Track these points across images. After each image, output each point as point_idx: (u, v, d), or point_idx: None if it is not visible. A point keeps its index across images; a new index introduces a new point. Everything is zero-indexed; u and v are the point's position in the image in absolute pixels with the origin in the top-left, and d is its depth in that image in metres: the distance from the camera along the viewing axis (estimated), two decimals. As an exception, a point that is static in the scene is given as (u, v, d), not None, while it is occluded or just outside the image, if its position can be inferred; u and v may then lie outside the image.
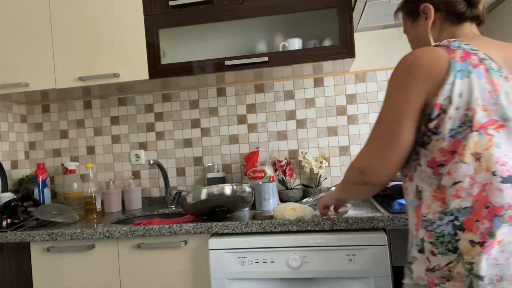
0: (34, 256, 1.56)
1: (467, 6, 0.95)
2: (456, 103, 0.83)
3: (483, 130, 0.82)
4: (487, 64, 0.84)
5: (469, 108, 0.82)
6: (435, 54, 0.86)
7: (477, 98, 0.82)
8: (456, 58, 0.84)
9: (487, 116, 0.82)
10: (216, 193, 1.47)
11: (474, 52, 0.85)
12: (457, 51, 0.85)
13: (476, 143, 0.81)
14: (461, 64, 0.84)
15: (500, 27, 1.71)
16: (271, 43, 1.88)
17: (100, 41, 1.79)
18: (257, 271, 1.38)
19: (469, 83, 0.83)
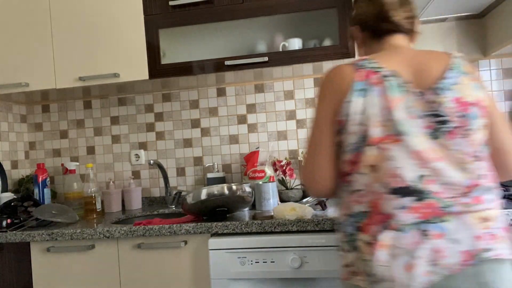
0: (34, 256, 1.56)
1: (379, 21, 1.02)
2: (354, 120, 0.89)
3: (378, 145, 0.87)
4: (388, 81, 0.89)
5: (366, 124, 0.88)
6: (340, 74, 0.93)
7: (372, 114, 0.88)
8: (358, 77, 0.91)
9: (383, 131, 0.87)
10: (216, 193, 1.47)
11: (378, 71, 0.90)
12: (361, 71, 0.91)
13: (371, 156, 0.88)
14: (361, 83, 0.90)
15: (500, 27, 1.71)
16: (271, 43, 1.88)
17: (100, 41, 1.79)
18: (257, 271, 1.38)
19: (366, 101, 0.88)
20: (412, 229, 0.84)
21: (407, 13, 1.01)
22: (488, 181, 0.88)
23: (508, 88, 1.90)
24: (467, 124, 0.87)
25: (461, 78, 0.90)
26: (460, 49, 1.91)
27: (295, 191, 1.84)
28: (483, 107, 0.89)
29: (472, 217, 0.85)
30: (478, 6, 1.68)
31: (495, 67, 1.91)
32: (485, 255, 0.83)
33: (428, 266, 0.83)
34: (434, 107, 0.87)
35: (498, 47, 1.74)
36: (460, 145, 0.86)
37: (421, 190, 0.85)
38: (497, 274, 0.84)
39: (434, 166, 0.85)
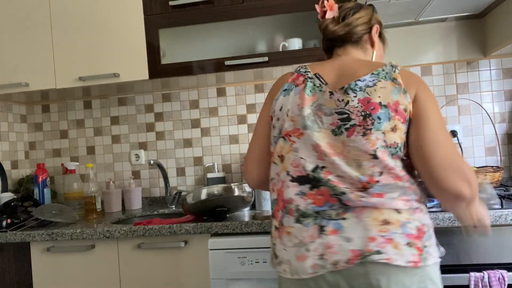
0: (34, 256, 1.56)
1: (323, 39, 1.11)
2: (277, 115, 1.00)
3: (287, 137, 0.97)
4: (308, 82, 0.98)
5: (283, 119, 0.98)
6: (281, 78, 1.07)
7: (288, 110, 0.98)
8: (289, 80, 1.03)
9: (293, 125, 0.96)
10: (216, 193, 1.47)
11: (304, 74, 1.01)
12: (294, 75, 1.03)
13: (281, 147, 0.98)
14: (288, 84, 1.02)
15: (500, 27, 1.71)
16: (271, 43, 1.88)
17: (100, 41, 1.79)
18: (257, 271, 1.38)
19: (287, 98, 0.99)
20: (311, 223, 0.91)
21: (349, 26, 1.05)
22: (392, 179, 0.88)
23: (508, 88, 1.90)
24: (368, 124, 0.89)
25: (380, 82, 0.92)
26: (460, 49, 1.91)
27: (295, 191, 1.83)
28: (397, 110, 0.89)
29: (372, 218, 0.87)
30: (478, 6, 1.68)
31: (495, 67, 1.91)
32: (372, 257, 0.85)
33: (317, 259, 0.89)
34: (340, 105, 0.92)
35: (498, 47, 1.74)
36: (358, 143, 0.89)
37: (319, 178, 0.91)
38: (383, 278, 0.85)
39: (331, 161, 0.91)
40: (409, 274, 0.86)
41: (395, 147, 0.89)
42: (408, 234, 0.87)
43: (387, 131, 0.89)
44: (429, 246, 0.89)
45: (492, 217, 1.25)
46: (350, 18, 1.05)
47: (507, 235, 1.26)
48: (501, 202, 1.31)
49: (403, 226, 0.87)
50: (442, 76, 1.94)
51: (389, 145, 0.89)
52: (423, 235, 0.89)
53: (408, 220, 0.88)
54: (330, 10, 1.06)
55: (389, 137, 0.89)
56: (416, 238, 0.87)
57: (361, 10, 1.08)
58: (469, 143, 1.92)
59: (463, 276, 1.24)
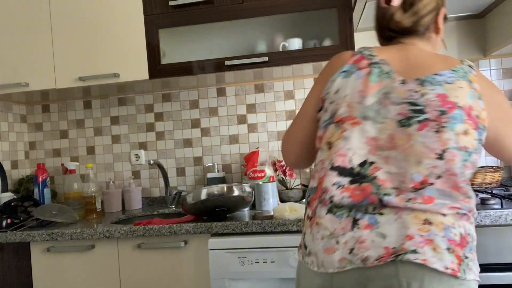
0: (34, 256, 1.56)
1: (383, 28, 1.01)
2: (331, 98, 0.92)
3: (340, 123, 0.89)
4: (374, 68, 0.90)
5: (338, 103, 0.90)
6: (339, 56, 0.97)
7: (346, 95, 0.89)
8: (350, 60, 0.93)
9: (348, 112, 0.88)
10: (216, 193, 1.47)
11: (369, 57, 0.92)
12: (356, 56, 0.94)
13: (331, 133, 0.90)
14: (349, 66, 0.92)
15: (500, 27, 1.71)
16: (271, 43, 1.88)
17: (100, 41, 1.79)
18: (257, 271, 1.38)
19: (346, 81, 0.90)
20: (345, 215, 0.85)
21: (416, 16, 0.96)
22: (449, 186, 0.82)
23: (508, 88, 1.90)
24: (443, 121, 0.83)
25: (459, 81, 0.86)
26: (460, 49, 1.91)
27: (295, 191, 1.84)
28: (470, 115, 0.84)
29: (413, 216, 0.80)
30: (478, 6, 1.68)
31: (495, 67, 1.91)
32: (407, 256, 0.77)
33: (347, 253, 0.82)
34: (413, 96, 0.85)
35: (498, 47, 1.74)
36: (427, 139, 0.82)
37: (364, 175, 0.85)
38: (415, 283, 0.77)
39: (386, 155, 0.84)
40: (445, 284, 0.77)
41: (466, 151, 0.83)
42: (451, 239, 0.79)
43: (459, 133, 0.83)
44: (470, 259, 0.81)
45: (492, 217, 1.26)
46: (418, 6, 0.95)
47: (507, 235, 1.26)
48: (501, 202, 1.31)
49: (446, 230, 0.80)
50: (442, 76, 1.94)
51: (461, 148, 0.82)
52: (466, 244, 0.81)
53: (452, 224, 0.81)
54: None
55: (461, 139, 0.83)
56: (458, 246, 0.80)
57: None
58: (469, 143, 1.92)
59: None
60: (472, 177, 1.60)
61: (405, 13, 0.96)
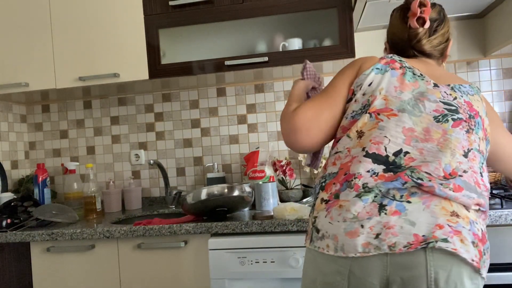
0: (34, 256, 1.56)
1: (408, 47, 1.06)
2: (364, 90, 0.95)
3: (374, 114, 0.92)
4: (408, 70, 0.96)
5: (372, 95, 0.93)
6: (368, 57, 1.01)
7: (382, 88, 0.93)
8: (382, 62, 0.98)
9: (385, 104, 0.92)
10: (216, 193, 1.47)
11: (400, 62, 0.98)
12: (386, 59, 0.99)
13: (364, 123, 0.93)
14: (382, 65, 0.97)
15: (500, 27, 1.71)
16: (271, 43, 1.88)
17: (100, 41, 1.79)
18: (257, 271, 1.38)
19: (381, 77, 0.95)
20: (370, 199, 0.85)
21: (437, 40, 1.05)
22: (472, 181, 0.87)
23: (508, 88, 1.90)
24: (471, 123, 0.91)
25: (477, 95, 0.98)
26: (460, 49, 1.91)
27: (295, 191, 1.84)
28: (484, 127, 0.95)
29: (441, 207, 0.82)
30: (478, 6, 1.68)
31: (495, 67, 1.91)
32: (439, 244, 0.78)
33: (371, 238, 0.81)
34: (448, 97, 0.92)
35: (498, 47, 1.74)
36: (460, 136, 0.89)
37: (399, 164, 0.87)
38: (443, 272, 0.78)
39: (421, 146, 0.88)
40: (471, 275, 0.80)
41: (483, 155, 0.93)
42: (475, 234, 0.83)
43: (480, 138, 0.93)
44: (487, 256, 0.84)
45: (492, 217, 1.26)
46: (439, 33, 1.04)
47: (507, 235, 1.26)
48: (501, 202, 1.31)
49: (472, 224, 0.83)
50: (442, 76, 1.94)
51: (480, 151, 0.92)
52: (486, 242, 0.85)
53: (475, 220, 0.85)
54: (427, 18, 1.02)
55: (481, 144, 0.93)
56: (480, 241, 0.83)
57: (445, 20, 1.06)
58: (469, 143, 1.92)
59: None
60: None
61: (429, 37, 1.03)
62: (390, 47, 1.11)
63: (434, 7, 1.05)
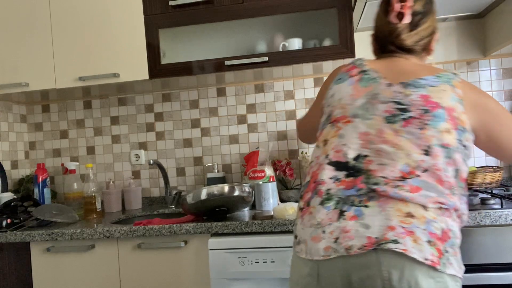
0: (34, 256, 1.56)
1: (388, 42, 1.07)
2: (328, 102, 1.04)
3: (335, 123, 0.99)
4: (364, 75, 1.01)
5: (333, 105, 1.01)
6: (336, 69, 1.11)
7: (340, 98, 1.00)
8: (343, 69, 1.05)
9: (342, 113, 0.98)
10: (216, 193, 1.47)
11: (359, 66, 1.04)
12: (347, 66, 1.06)
13: (327, 132, 1.00)
14: (342, 73, 1.04)
15: (500, 27, 1.71)
16: (271, 43, 1.88)
17: (100, 41, 1.79)
18: (257, 271, 1.38)
19: (340, 87, 1.02)
20: (332, 207, 0.90)
21: (419, 35, 1.03)
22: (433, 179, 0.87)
23: (508, 88, 1.90)
24: (425, 119, 0.90)
25: (442, 85, 0.94)
26: (460, 49, 1.91)
27: (295, 191, 1.84)
28: (451, 116, 0.91)
29: (396, 209, 0.85)
30: (478, 6, 1.68)
31: (495, 67, 1.91)
32: (388, 245, 0.81)
33: (331, 242, 0.87)
34: (398, 96, 0.94)
35: (498, 47, 1.74)
36: (413, 135, 0.89)
37: (359, 168, 0.91)
38: (396, 271, 0.81)
39: (378, 148, 0.91)
40: (425, 274, 0.81)
41: (449, 148, 0.89)
42: (432, 233, 0.83)
43: (442, 131, 0.89)
44: (451, 254, 0.84)
45: (492, 217, 1.26)
46: (421, 27, 1.03)
47: (507, 235, 1.26)
48: (501, 202, 1.31)
49: (428, 223, 0.84)
50: (442, 76, 1.94)
51: (444, 145, 0.89)
52: (448, 239, 0.85)
53: (434, 219, 0.85)
54: (406, 13, 1.01)
55: (444, 137, 0.89)
56: (439, 239, 0.83)
57: (430, 13, 1.04)
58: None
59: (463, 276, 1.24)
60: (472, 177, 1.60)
61: (409, 32, 1.02)
62: (374, 40, 1.11)
63: (419, 0, 1.03)
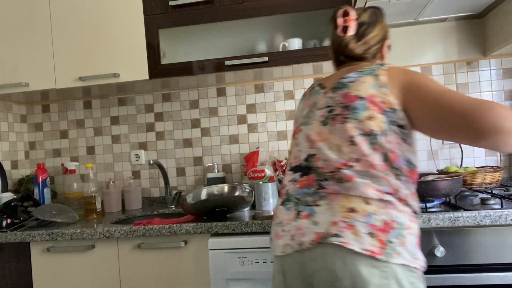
0: (34, 256, 1.56)
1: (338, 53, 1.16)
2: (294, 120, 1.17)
3: (293, 136, 1.13)
4: (312, 90, 1.15)
5: (294, 123, 1.16)
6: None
7: (296, 116, 1.16)
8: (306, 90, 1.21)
9: (296, 126, 1.13)
10: (216, 193, 1.47)
11: (312, 86, 1.18)
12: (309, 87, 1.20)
13: (291, 145, 1.14)
14: (302, 96, 1.20)
15: (500, 27, 1.71)
16: (271, 43, 1.88)
17: (100, 41, 1.79)
18: (257, 271, 1.38)
19: (298, 107, 1.18)
20: (292, 208, 1.00)
21: (366, 45, 1.11)
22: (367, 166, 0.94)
23: (508, 88, 1.90)
24: (346, 114, 0.99)
25: (362, 77, 1.02)
26: (460, 49, 1.91)
27: (295, 191, 1.83)
28: (373, 102, 0.97)
29: (341, 205, 0.93)
30: (478, 6, 1.68)
31: (495, 67, 1.91)
32: (330, 239, 0.90)
33: (288, 239, 0.97)
34: (328, 101, 1.05)
35: (498, 47, 1.74)
36: (339, 130, 0.99)
37: (310, 166, 1.02)
38: (339, 261, 0.88)
39: (318, 146, 1.02)
40: (367, 264, 0.86)
41: (372, 135, 0.95)
42: (372, 225, 0.89)
43: (364, 119, 0.97)
44: (397, 244, 0.88)
45: (492, 217, 1.26)
46: (368, 37, 1.11)
47: (507, 235, 1.26)
48: (501, 202, 1.31)
49: (368, 216, 0.90)
50: (442, 76, 1.94)
51: (366, 133, 0.96)
52: (390, 230, 0.89)
53: (375, 212, 0.90)
54: (351, 26, 1.10)
55: (366, 125, 0.96)
56: (380, 231, 0.89)
57: (376, 23, 1.12)
58: (469, 143, 1.92)
59: (463, 276, 1.24)
60: (472, 177, 1.60)
61: (357, 42, 1.11)
62: (330, 53, 1.20)
63: (365, 11, 1.12)
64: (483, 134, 0.82)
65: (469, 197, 1.55)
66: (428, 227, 1.28)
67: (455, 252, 1.28)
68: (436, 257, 1.28)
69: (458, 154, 1.93)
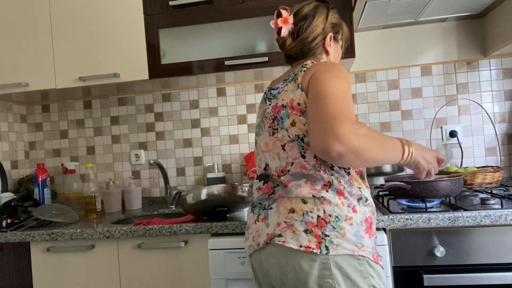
0: (34, 256, 1.56)
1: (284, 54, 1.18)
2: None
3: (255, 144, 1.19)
4: (265, 94, 1.17)
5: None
6: None
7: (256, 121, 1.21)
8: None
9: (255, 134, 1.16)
10: (216, 193, 1.47)
11: (266, 89, 1.20)
12: None
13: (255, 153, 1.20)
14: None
15: (500, 27, 1.71)
16: (271, 43, 1.88)
17: (100, 41, 1.79)
18: (257, 271, 1.38)
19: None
20: (256, 212, 1.10)
21: (302, 43, 1.10)
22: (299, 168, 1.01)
23: (508, 88, 1.90)
24: (275, 125, 1.06)
25: (286, 86, 1.06)
26: (460, 49, 1.91)
27: (295, 191, 1.83)
28: (293, 107, 1.01)
29: (284, 207, 1.02)
30: (478, 6, 1.68)
31: (495, 67, 1.91)
32: (274, 239, 1.00)
33: (251, 240, 1.09)
34: (270, 112, 1.09)
35: (498, 47, 1.74)
36: (276, 140, 1.06)
37: (267, 174, 1.10)
38: (283, 258, 0.98)
39: (265, 157, 1.10)
40: (306, 258, 0.95)
41: (297, 140, 1.02)
42: (308, 222, 0.97)
43: (288, 127, 1.03)
44: (334, 236, 0.95)
45: (492, 217, 1.26)
46: (304, 34, 1.10)
47: (507, 235, 1.26)
48: (501, 202, 1.31)
49: (305, 215, 0.98)
50: (442, 76, 1.94)
51: (293, 139, 1.02)
52: (325, 224, 0.96)
53: (311, 209, 0.98)
54: (284, 25, 1.11)
55: (291, 131, 1.02)
56: (315, 227, 0.96)
57: (315, 18, 1.10)
58: (469, 143, 1.92)
59: (463, 276, 1.24)
60: (472, 177, 1.60)
61: (293, 41, 1.11)
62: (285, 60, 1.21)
63: (306, 6, 1.11)
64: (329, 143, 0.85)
65: (469, 197, 1.55)
66: (428, 227, 1.28)
67: (455, 252, 1.28)
68: (436, 257, 1.28)
69: (458, 154, 1.93)
